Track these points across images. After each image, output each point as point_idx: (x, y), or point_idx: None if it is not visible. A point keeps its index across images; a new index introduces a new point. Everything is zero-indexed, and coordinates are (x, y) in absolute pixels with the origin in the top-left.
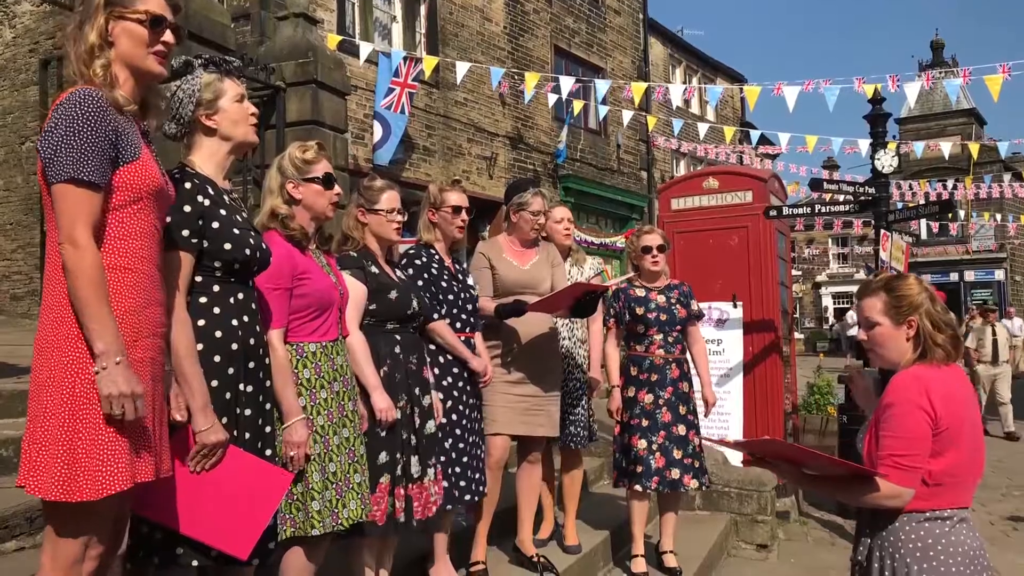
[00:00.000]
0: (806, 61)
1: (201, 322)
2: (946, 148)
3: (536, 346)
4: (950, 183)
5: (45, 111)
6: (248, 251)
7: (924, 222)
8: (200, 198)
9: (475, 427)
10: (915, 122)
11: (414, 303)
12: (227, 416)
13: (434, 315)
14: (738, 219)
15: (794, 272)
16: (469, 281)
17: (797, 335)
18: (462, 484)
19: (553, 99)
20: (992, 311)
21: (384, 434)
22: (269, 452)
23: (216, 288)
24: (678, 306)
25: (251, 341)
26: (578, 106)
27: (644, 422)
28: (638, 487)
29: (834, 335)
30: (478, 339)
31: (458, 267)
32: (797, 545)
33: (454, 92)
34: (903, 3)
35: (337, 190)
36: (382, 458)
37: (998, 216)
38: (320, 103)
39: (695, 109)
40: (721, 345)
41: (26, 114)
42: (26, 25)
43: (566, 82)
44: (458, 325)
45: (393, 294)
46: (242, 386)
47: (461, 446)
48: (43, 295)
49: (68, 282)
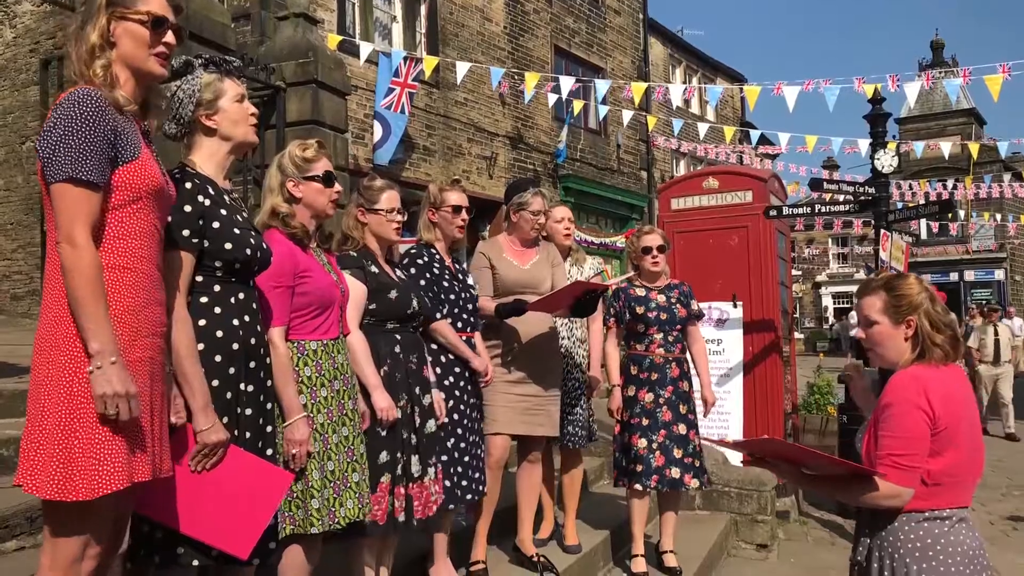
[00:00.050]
0: (806, 61)
1: (202, 322)
2: (946, 148)
3: (536, 346)
4: (950, 183)
5: (46, 111)
6: (249, 251)
7: (924, 222)
8: (200, 198)
9: (476, 427)
10: (915, 122)
11: (414, 303)
12: (228, 416)
13: (436, 315)
14: (738, 219)
15: (794, 272)
16: (469, 281)
17: (797, 335)
18: (463, 484)
19: (553, 99)
20: (995, 310)
21: (384, 433)
22: (270, 452)
23: (217, 288)
24: (678, 305)
25: (252, 341)
26: (578, 106)
27: (644, 421)
28: (638, 486)
29: (834, 335)
30: (477, 339)
31: (458, 267)
32: (797, 545)
33: (454, 92)
34: (903, 3)
35: (337, 188)
36: (383, 457)
37: (998, 216)
38: (320, 103)
39: (695, 109)
40: (721, 345)
41: (26, 114)
42: (26, 25)
43: (566, 82)
44: (459, 325)
45: (393, 294)
46: (243, 385)
47: (463, 445)
48: (43, 295)
49: (65, 281)
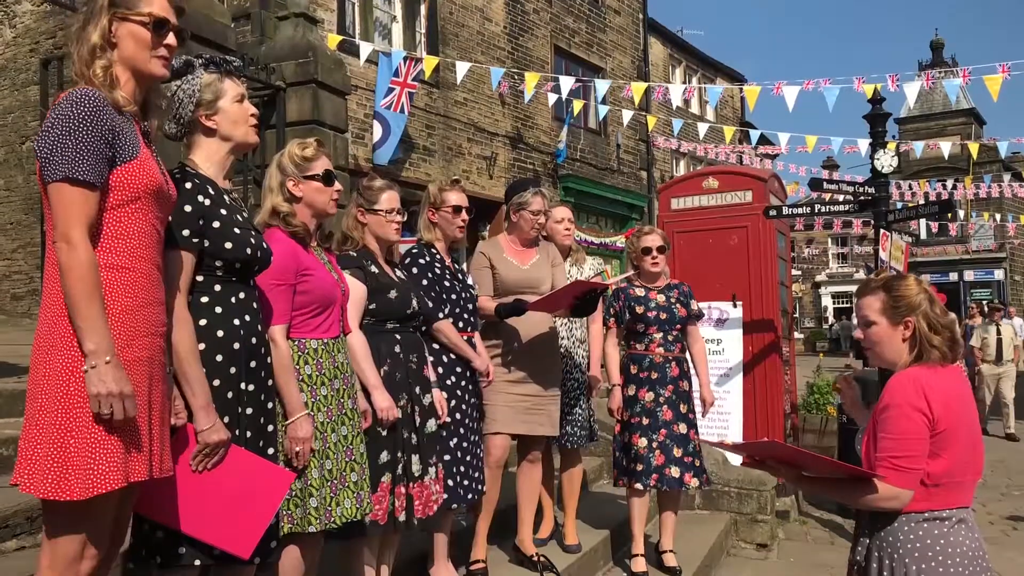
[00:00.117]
0: (806, 61)
1: (203, 321)
2: (946, 148)
3: (536, 345)
4: (950, 183)
5: (46, 111)
6: (249, 250)
7: (924, 222)
8: (200, 198)
9: (476, 426)
10: (915, 122)
11: (414, 303)
12: (229, 415)
13: (439, 314)
14: (738, 219)
15: (794, 272)
16: (468, 281)
17: (797, 335)
18: (465, 483)
19: (553, 99)
20: (998, 309)
21: (385, 433)
22: (271, 451)
23: (217, 287)
24: (678, 305)
25: (253, 340)
26: (578, 106)
27: (645, 420)
28: (638, 485)
29: (834, 335)
30: (477, 339)
31: (457, 267)
32: (797, 544)
33: (454, 92)
34: (903, 3)
35: (337, 187)
36: (383, 457)
37: (998, 216)
38: (320, 103)
39: (695, 109)
40: (721, 345)
41: (27, 113)
42: (26, 25)
43: (566, 82)
44: (460, 325)
45: (393, 294)
46: (244, 385)
47: (465, 445)
48: (42, 294)
49: (61, 280)
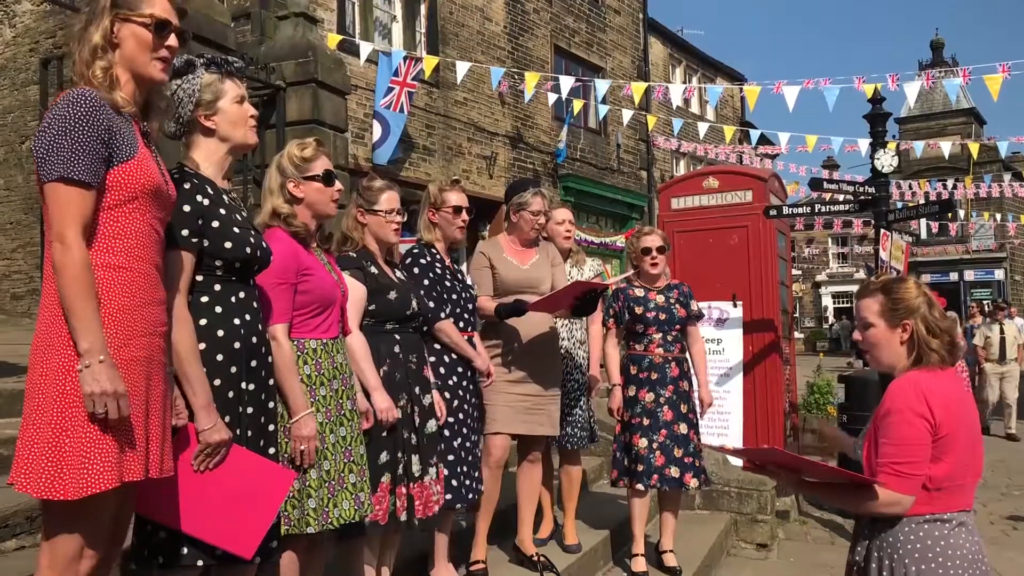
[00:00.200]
0: (806, 61)
1: (203, 321)
2: (946, 148)
3: (536, 345)
4: (950, 183)
5: (45, 110)
6: (248, 249)
7: (924, 222)
8: (199, 198)
9: (477, 426)
10: (915, 122)
11: (413, 303)
12: (230, 414)
13: (440, 315)
14: (738, 219)
15: (794, 271)
16: (468, 281)
17: (797, 335)
18: (467, 483)
19: (553, 99)
20: (1001, 308)
21: (385, 434)
22: (272, 450)
23: (217, 287)
24: (677, 306)
25: (253, 339)
26: (578, 106)
27: (645, 421)
28: (639, 486)
29: (834, 335)
30: (477, 339)
31: (456, 267)
32: (797, 544)
33: (454, 92)
34: (904, 3)
35: (338, 187)
36: (383, 458)
37: (998, 216)
38: (320, 103)
39: (695, 109)
40: (721, 344)
41: (26, 113)
42: (26, 24)
43: (566, 81)
44: (460, 325)
45: (392, 294)
46: (244, 384)
47: (468, 445)
48: (41, 294)
49: (56, 280)
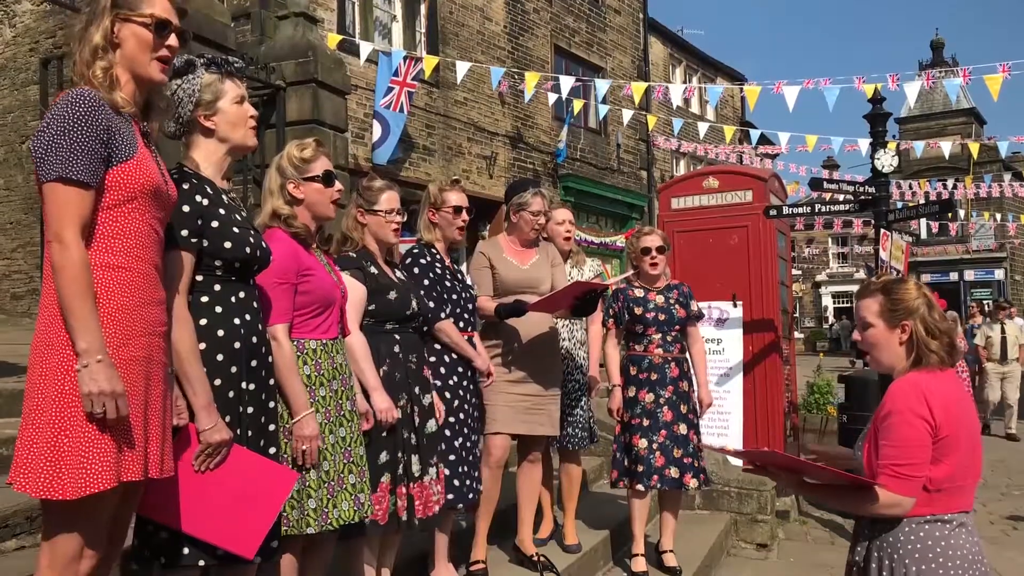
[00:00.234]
0: (806, 60)
1: (203, 321)
2: (946, 148)
3: (536, 345)
4: (950, 183)
5: (45, 110)
6: (248, 249)
7: (924, 222)
8: (199, 198)
9: (477, 426)
10: (915, 122)
11: (413, 303)
12: (230, 414)
13: (441, 315)
14: (738, 218)
15: (794, 271)
16: (468, 281)
17: (797, 334)
18: (468, 483)
19: (553, 98)
20: (1003, 308)
21: (385, 434)
22: (273, 450)
23: (217, 287)
24: (677, 306)
25: (253, 339)
26: (578, 105)
27: (645, 421)
28: (639, 486)
29: (834, 334)
30: (476, 339)
31: (456, 267)
32: (797, 544)
33: (454, 91)
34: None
35: (338, 187)
36: (383, 458)
37: (998, 216)
38: (320, 102)
39: (695, 109)
40: (721, 344)
41: (26, 113)
42: (26, 24)
43: (566, 81)
44: (460, 324)
45: (392, 294)
46: (245, 384)
47: (468, 445)
48: (41, 294)
49: (54, 280)
